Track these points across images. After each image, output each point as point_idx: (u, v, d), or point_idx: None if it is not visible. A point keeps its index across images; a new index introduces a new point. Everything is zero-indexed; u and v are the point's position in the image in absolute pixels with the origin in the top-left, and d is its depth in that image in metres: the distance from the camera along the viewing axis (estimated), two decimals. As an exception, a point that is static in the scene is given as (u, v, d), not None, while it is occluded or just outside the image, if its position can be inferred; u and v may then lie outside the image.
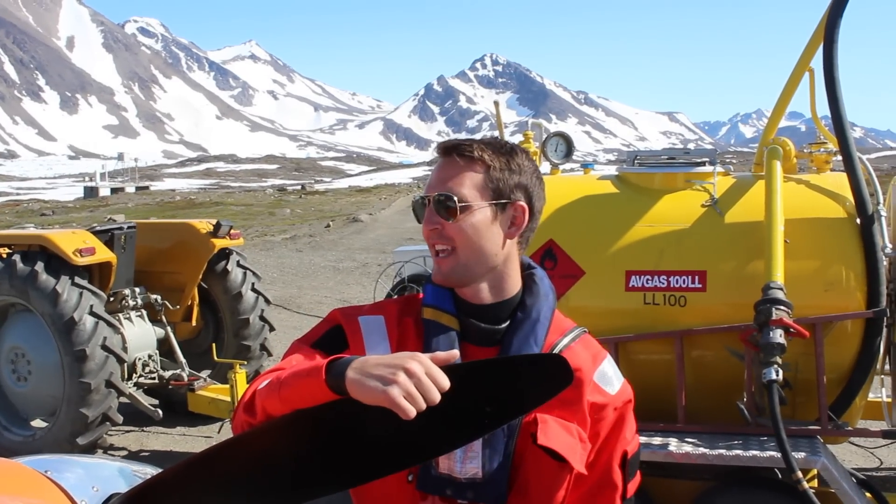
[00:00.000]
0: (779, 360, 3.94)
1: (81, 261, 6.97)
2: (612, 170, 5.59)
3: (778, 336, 3.93)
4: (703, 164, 4.82)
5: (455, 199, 1.77)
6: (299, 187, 73.97)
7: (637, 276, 4.49)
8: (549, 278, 1.93)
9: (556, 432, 1.71)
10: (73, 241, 7.05)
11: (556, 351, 1.79)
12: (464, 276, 1.80)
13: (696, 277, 4.41)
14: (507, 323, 1.82)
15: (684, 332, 4.37)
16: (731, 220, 4.54)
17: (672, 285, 4.43)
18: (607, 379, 1.84)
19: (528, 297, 1.85)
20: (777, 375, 3.91)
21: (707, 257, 4.46)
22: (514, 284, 1.86)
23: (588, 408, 1.79)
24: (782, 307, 3.96)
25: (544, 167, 5.65)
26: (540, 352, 1.77)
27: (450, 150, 1.82)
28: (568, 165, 5.82)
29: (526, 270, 1.90)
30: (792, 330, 3.94)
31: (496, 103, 6.00)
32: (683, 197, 4.72)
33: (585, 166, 5.80)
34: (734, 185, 4.78)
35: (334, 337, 1.86)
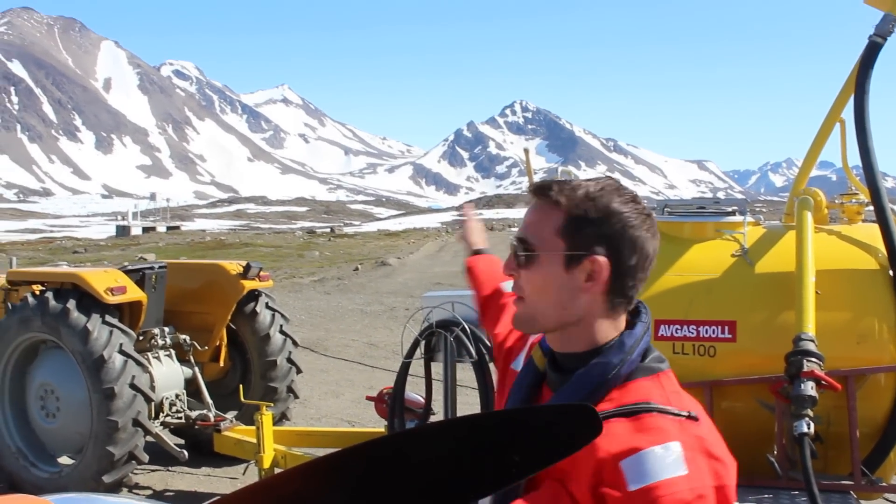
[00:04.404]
0: (810, 412, 3.89)
1: (112, 299, 7.04)
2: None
3: (809, 388, 3.88)
4: (734, 213, 4.81)
5: (527, 245, 1.65)
6: (328, 230, 74.40)
7: (666, 326, 4.46)
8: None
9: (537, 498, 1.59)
10: (104, 280, 7.13)
11: None
12: (532, 326, 1.72)
13: (726, 327, 4.38)
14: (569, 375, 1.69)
15: (714, 382, 4.33)
16: (762, 271, 4.51)
17: (701, 335, 4.40)
18: (639, 470, 1.46)
19: (597, 354, 1.65)
20: (809, 429, 3.86)
21: (737, 307, 4.42)
22: (595, 339, 1.66)
23: (598, 497, 1.52)
24: (814, 359, 3.92)
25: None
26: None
27: (539, 190, 1.68)
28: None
29: (626, 329, 1.68)
30: (823, 382, 3.89)
31: (526, 150, 6.04)
32: (713, 246, 4.71)
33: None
34: (765, 235, 4.76)
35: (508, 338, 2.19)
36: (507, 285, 2.42)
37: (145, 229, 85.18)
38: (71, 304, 6.93)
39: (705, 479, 1.46)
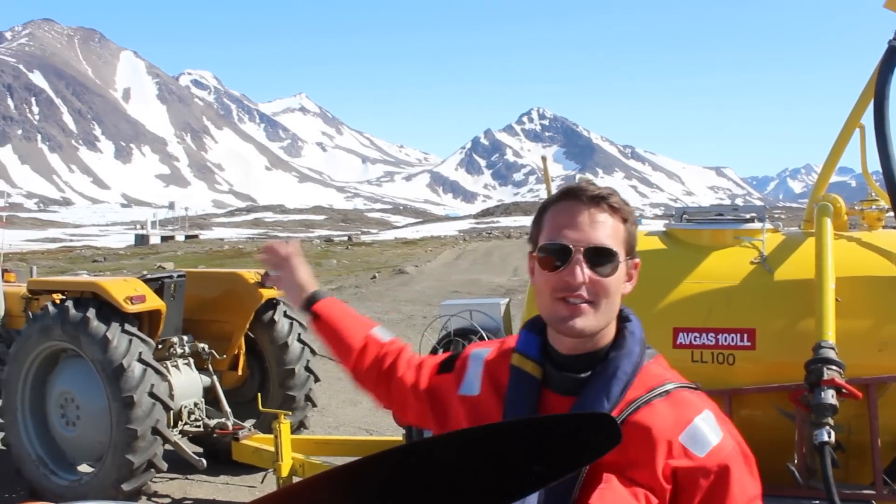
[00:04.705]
0: (831, 421, 3.86)
1: (132, 308, 7.08)
2: (659, 225, 5.57)
3: (830, 397, 3.84)
4: (752, 220, 4.78)
5: (616, 252, 1.76)
6: (346, 238, 74.55)
7: (685, 334, 4.44)
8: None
9: (615, 495, 1.65)
10: (124, 289, 7.17)
11: (631, 408, 1.74)
12: (596, 330, 1.78)
13: (745, 335, 4.35)
14: (589, 373, 1.79)
15: (733, 390, 4.30)
16: (781, 278, 4.48)
17: (720, 343, 4.37)
18: (697, 440, 1.70)
19: (613, 350, 1.80)
20: (829, 437, 3.83)
21: (756, 315, 4.40)
22: (609, 336, 1.82)
23: (667, 473, 1.69)
24: (834, 367, 3.89)
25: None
26: (612, 407, 1.73)
27: (599, 199, 1.78)
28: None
29: (622, 322, 1.86)
30: (844, 391, 3.86)
31: (544, 158, 6.03)
32: (732, 253, 4.68)
33: (633, 222, 5.78)
34: (784, 242, 4.73)
35: (451, 362, 2.06)
36: (378, 332, 2.36)
37: (164, 238, 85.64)
38: (91, 313, 6.98)
39: (734, 433, 1.78)
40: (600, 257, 1.74)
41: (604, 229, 1.75)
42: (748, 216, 4.80)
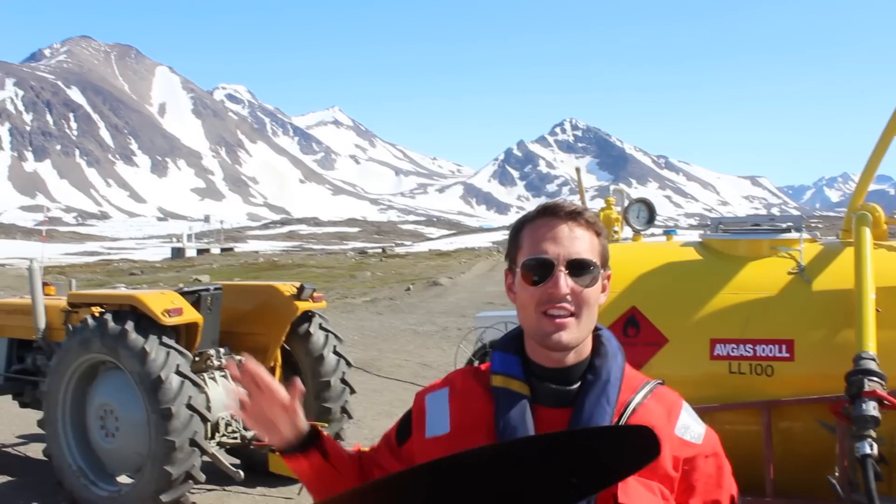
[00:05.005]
0: (873, 433, 3.80)
1: (170, 321, 7.16)
2: (694, 236, 5.53)
3: (871, 409, 3.79)
4: (789, 230, 4.74)
5: (595, 264, 1.84)
6: (380, 250, 74.80)
7: (722, 345, 4.40)
8: (633, 345, 1.98)
9: (638, 492, 1.72)
10: (162, 302, 7.25)
11: (629, 410, 1.83)
12: (580, 341, 1.85)
13: (784, 346, 4.31)
14: (578, 384, 1.85)
15: (772, 402, 4.26)
16: (820, 288, 4.43)
17: (758, 354, 4.33)
18: (689, 430, 1.87)
19: (596, 358, 1.88)
20: (872, 450, 3.77)
21: (795, 326, 4.35)
22: (589, 345, 1.90)
23: (673, 463, 1.81)
24: (875, 378, 3.84)
25: (626, 233, 5.62)
26: (613, 411, 1.80)
27: (575, 215, 1.87)
28: (649, 231, 5.79)
29: (595, 331, 1.93)
30: (886, 402, 3.81)
31: (577, 169, 6.03)
32: (769, 264, 4.64)
33: (668, 233, 5.75)
34: (822, 251, 4.69)
35: (404, 422, 2.01)
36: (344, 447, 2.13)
37: (200, 251, 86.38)
38: (129, 325, 7.06)
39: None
40: (581, 269, 1.83)
41: (582, 243, 1.85)
42: (785, 226, 4.76)
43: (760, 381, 4.32)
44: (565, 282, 1.80)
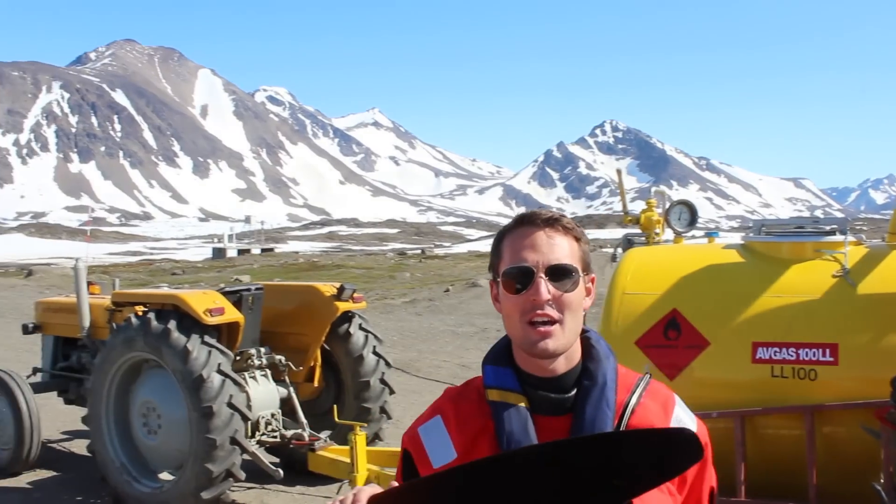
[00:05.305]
0: (918, 439, 3.75)
1: (211, 320, 7.23)
2: (736, 238, 5.48)
3: (917, 414, 3.74)
4: (834, 233, 4.68)
5: (575, 269, 1.84)
6: (419, 251, 74.90)
7: (764, 348, 4.36)
8: (674, 348, 1.97)
9: (651, 492, 1.70)
10: (204, 302, 7.33)
11: (628, 411, 1.84)
12: (567, 348, 1.85)
13: (828, 350, 4.26)
14: (575, 391, 1.85)
15: (815, 406, 4.21)
16: (865, 292, 4.37)
17: (801, 358, 4.29)
18: (684, 423, 1.87)
19: (589, 361, 1.89)
20: (917, 456, 3.72)
21: (839, 330, 4.30)
22: (578, 351, 1.89)
23: None
24: (921, 383, 3.78)
25: (667, 235, 5.58)
26: (614, 414, 1.81)
27: (552, 222, 1.88)
28: (690, 233, 5.75)
29: (582, 334, 1.93)
30: (932, 408, 3.75)
31: (618, 171, 6.00)
32: (813, 267, 4.59)
33: (710, 235, 5.71)
34: (867, 254, 4.62)
35: (406, 464, 1.95)
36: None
37: (240, 251, 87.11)
38: (172, 324, 7.15)
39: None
40: (561, 275, 1.83)
41: (560, 249, 1.85)
42: (829, 228, 4.71)
43: (803, 385, 4.28)
44: (546, 288, 1.81)
